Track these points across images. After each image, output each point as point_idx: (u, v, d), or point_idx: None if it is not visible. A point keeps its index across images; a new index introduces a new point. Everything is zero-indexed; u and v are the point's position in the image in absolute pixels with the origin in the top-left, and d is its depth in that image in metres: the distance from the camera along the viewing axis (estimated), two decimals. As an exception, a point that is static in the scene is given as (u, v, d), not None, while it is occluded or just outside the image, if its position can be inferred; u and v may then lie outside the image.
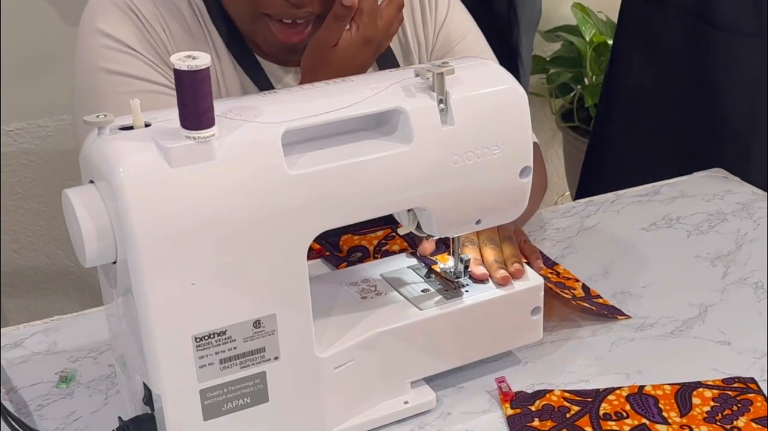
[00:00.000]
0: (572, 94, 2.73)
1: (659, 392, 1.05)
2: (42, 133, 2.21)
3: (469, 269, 1.07)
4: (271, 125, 0.88)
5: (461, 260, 1.07)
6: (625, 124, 1.87)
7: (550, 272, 1.23)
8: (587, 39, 2.62)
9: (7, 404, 1.05)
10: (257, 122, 0.88)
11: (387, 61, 1.30)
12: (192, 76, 0.81)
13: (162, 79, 1.20)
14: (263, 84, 1.26)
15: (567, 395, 1.04)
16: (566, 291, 1.18)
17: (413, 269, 1.10)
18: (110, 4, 1.20)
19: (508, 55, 2.12)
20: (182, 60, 0.80)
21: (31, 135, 2.21)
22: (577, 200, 1.52)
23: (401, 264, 1.11)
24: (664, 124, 1.81)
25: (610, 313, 1.18)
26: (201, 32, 1.24)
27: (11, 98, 2.13)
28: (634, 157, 1.86)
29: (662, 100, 1.80)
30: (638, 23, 1.81)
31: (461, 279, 1.07)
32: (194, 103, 0.82)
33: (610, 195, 1.50)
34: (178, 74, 0.81)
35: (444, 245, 1.11)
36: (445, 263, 1.09)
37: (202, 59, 0.81)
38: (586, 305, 1.18)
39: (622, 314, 1.19)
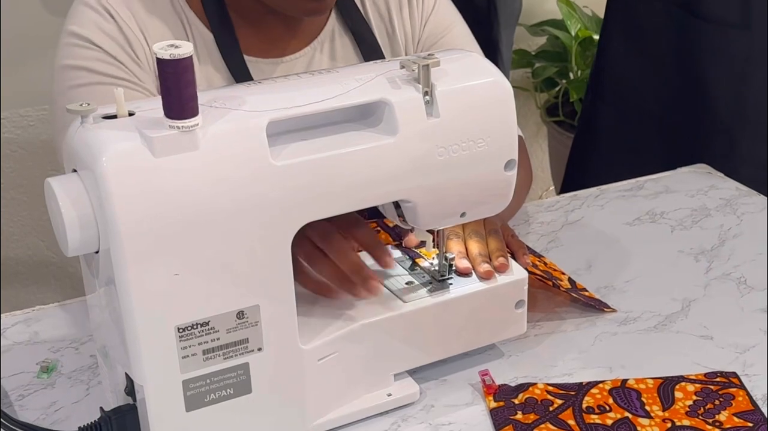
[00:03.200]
0: (557, 88, 2.73)
1: (642, 386, 1.05)
2: (23, 122, 2.20)
3: (453, 263, 1.07)
4: (255, 115, 0.87)
5: (445, 258, 1.07)
6: (612, 118, 1.88)
7: (538, 261, 1.23)
8: (573, 34, 2.62)
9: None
10: (242, 112, 0.87)
11: (372, 52, 1.30)
12: (175, 65, 0.80)
13: (123, 74, 1.18)
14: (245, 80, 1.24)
15: (550, 388, 1.05)
16: (553, 281, 1.18)
17: (398, 262, 1.09)
18: (85, 6, 1.20)
19: (488, 49, 2.12)
20: (164, 49, 0.80)
21: (13, 125, 2.19)
22: (562, 195, 1.52)
23: (385, 256, 1.11)
24: (651, 118, 1.82)
25: (597, 305, 1.18)
26: (182, 31, 1.23)
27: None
28: (621, 151, 1.86)
29: (649, 94, 1.81)
30: (625, 16, 1.81)
31: (446, 278, 1.06)
32: (178, 93, 0.81)
33: (594, 190, 1.51)
34: (161, 63, 0.80)
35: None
36: (430, 258, 1.09)
37: (184, 48, 0.80)
38: (573, 295, 1.18)
39: (608, 306, 1.19)
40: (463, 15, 1.41)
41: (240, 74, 1.23)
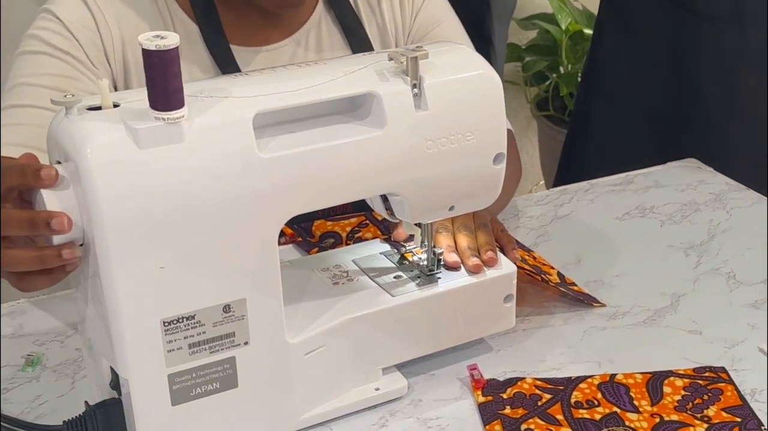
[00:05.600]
0: (548, 82, 2.73)
1: (630, 380, 1.05)
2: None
3: (442, 256, 1.07)
4: (242, 107, 0.86)
5: (434, 253, 1.06)
6: (604, 112, 1.87)
7: (527, 255, 1.23)
8: (563, 28, 2.62)
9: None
10: (228, 104, 0.87)
11: (361, 43, 1.29)
12: (161, 56, 0.79)
13: (75, 52, 1.17)
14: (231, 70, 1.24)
15: (539, 383, 1.04)
16: (542, 276, 1.18)
17: (386, 256, 1.09)
18: None
19: (481, 44, 2.12)
20: (150, 40, 0.79)
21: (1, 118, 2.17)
22: (552, 189, 1.52)
23: (374, 250, 1.10)
24: (644, 112, 1.81)
25: (586, 299, 1.18)
26: (161, 22, 1.22)
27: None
28: (613, 145, 1.86)
29: (642, 89, 1.80)
30: (618, 11, 1.81)
31: (434, 272, 1.06)
32: (163, 84, 0.80)
33: (584, 184, 1.50)
34: (147, 54, 0.79)
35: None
36: (419, 254, 1.08)
37: (170, 39, 0.79)
38: (562, 289, 1.18)
39: (597, 301, 1.19)
40: (456, 10, 1.40)
41: (225, 63, 1.22)
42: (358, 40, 1.29)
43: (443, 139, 0.95)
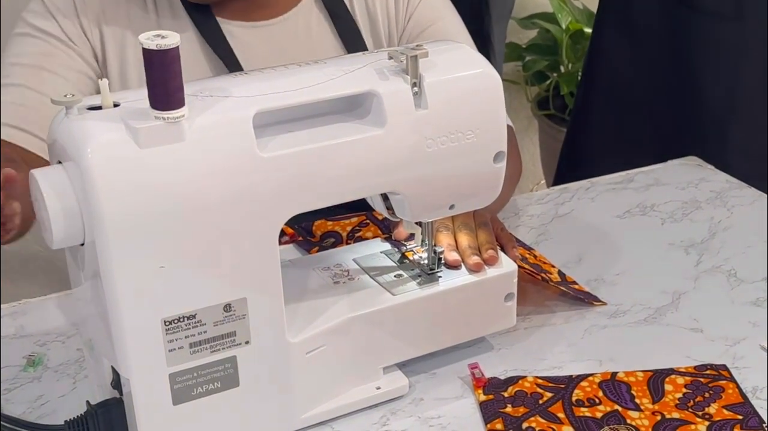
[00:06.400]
0: (548, 82, 2.73)
1: (632, 379, 1.05)
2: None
3: (443, 255, 1.07)
4: (242, 106, 0.86)
5: (434, 251, 1.06)
6: (604, 110, 1.87)
7: (528, 254, 1.23)
8: (563, 27, 2.62)
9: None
10: (228, 103, 0.87)
11: (349, 30, 1.31)
12: (161, 56, 0.79)
13: (55, 32, 1.23)
14: (221, 46, 1.26)
15: (540, 381, 1.04)
16: (543, 275, 1.18)
17: (386, 255, 1.09)
18: None
19: (480, 44, 2.11)
20: (151, 39, 0.79)
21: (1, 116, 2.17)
22: (552, 188, 1.52)
23: (374, 249, 1.10)
24: (644, 110, 1.81)
25: (586, 298, 1.18)
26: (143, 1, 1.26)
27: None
28: (614, 144, 1.86)
29: (642, 86, 1.80)
30: (619, 9, 1.81)
31: (435, 270, 1.06)
32: (163, 83, 0.80)
33: (584, 182, 1.50)
34: (147, 54, 0.79)
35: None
36: (420, 253, 1.08)
37: (171, 38, 0.79)
38: (563, 289, 1.18)
39: (598, 300, 1.19)
40: (456, 8, 1.40)
41: (211, 35, 1.25)
42: (345, 27, 1.31)
43: (443, 137, 0.95)
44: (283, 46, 1.30)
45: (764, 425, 0.98)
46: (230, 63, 1.25)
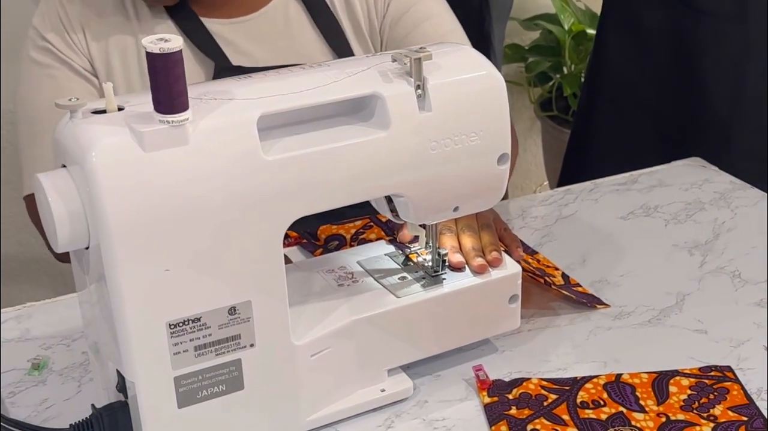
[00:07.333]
0: (551, 83, 2.73)
1: (636, 380, 1.05)
2: (13, 118, 2.18)
3: (447, 257, 1.06)
4: (246, 110, 0.87)
5: (438, 254, 1.06)
6: (607, 111, 1.87)
7: (531, 259, 1.23)
8: (566, 28, 2.61)
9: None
10: (232, 106, 0.87)
11: (327, 22, 1.32)
12: (164, 60, 0.79)
13: (57, 55, 1.27)
14: (208, 45, 1.28)
15: (544, 383, 1.04)
16: (546, 278, 1.18)
17: (391, 257, 1.09)
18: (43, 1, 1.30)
19: (480, 44, 2.11)
20: (154, 43, 0.79)
21: (2, 120, 2.18)
22: (555, 189, 1.52)
23: (379, 251, 1.10)
24: (647, 111, 1.81)
25: (589, 302, 1.18)
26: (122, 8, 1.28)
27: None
28: (617, 145, 1.86)
29: (645, 88, 1.80)
30: (622, 10, 1.81)
31: (439, 273, 1.06)
32: (167, 87, 0.81)
33: (588, 184, 1.50)
34: (151, 57, 0.79)
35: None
36: (424, 255, 1.08)
37: (174, 42, 0.79)
38: (566, 292, 1.18)
39: (601, 302, 1.19)
40: (455, 11, 1.40)
41: (192, 31, 1.27)
42: (322, 17, 1.32)
43: (447, 140, 0.95)
44: (264, 39, 1.31)
45: (769, 426, 0.98)
46: (219, 60, 1.27)
